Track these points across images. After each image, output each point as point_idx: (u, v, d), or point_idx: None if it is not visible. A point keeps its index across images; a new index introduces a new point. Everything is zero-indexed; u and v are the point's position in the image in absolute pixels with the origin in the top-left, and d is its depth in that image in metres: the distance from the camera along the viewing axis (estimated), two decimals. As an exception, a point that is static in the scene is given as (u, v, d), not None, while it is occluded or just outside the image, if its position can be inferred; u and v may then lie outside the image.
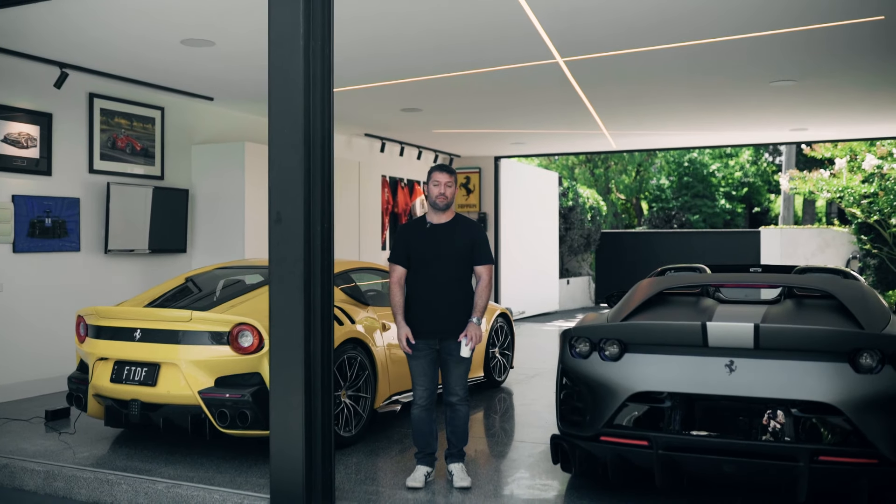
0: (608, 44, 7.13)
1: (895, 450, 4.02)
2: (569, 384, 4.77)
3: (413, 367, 5.14)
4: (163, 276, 9.32)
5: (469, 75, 8.40)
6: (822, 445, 4.12)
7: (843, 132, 12.89)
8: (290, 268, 4.60)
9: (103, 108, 8.72)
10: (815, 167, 20.70)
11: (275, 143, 4.68)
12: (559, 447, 4.87)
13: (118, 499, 5.18)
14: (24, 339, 7.89)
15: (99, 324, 5.91)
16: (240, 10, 6.24)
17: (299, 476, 4.59)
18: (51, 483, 5.42)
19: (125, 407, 5.69)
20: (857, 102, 9.95)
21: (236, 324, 5.45)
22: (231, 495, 4.90)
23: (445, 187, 5.13)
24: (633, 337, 4.54)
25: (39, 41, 7.19)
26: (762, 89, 9.11)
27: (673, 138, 13.74)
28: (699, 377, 4.34)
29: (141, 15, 6.37)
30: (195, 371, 5.48)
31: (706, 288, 5.41)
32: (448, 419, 5.20)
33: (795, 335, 4.26)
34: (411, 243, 5.20)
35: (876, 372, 4.12)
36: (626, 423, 4.51)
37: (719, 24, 6.52)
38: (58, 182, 8.21)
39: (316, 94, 4.64)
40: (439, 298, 5.09)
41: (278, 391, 4.64)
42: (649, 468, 4.44)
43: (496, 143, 14.10)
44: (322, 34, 4.65)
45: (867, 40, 6.98)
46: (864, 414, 4.05)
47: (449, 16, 6.34)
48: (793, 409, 4.18)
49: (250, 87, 9.01)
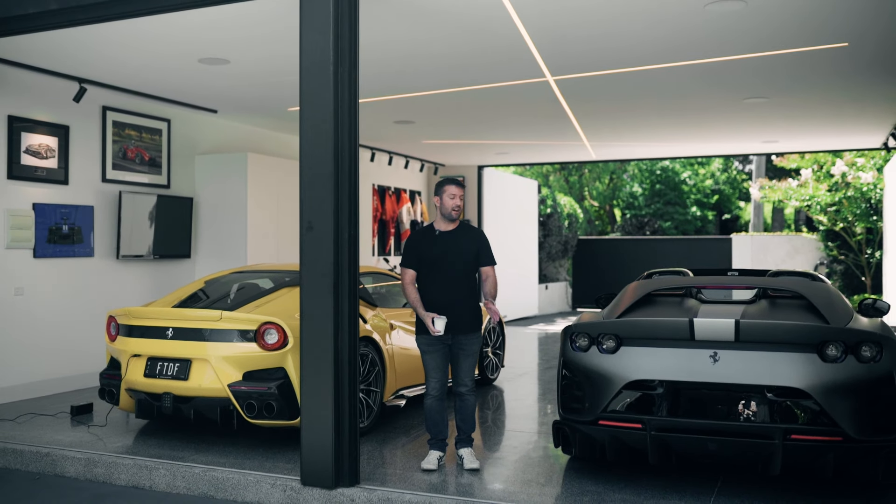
0: (596, 64, 7.72)
1: (857, 428, 4.62)
2: (569, 375, 5.33)
3: (427, 361, 5.67)
4: (169, 280, 9.77)
5: (463, 91, 8.96)
6: (794, 425, 4.71)
7: (811, 144, 13.63)
8: (322, 271, 5.11)
9: (115, 121, 9.18)
10: (783, 176, 21.53)
11: (306, 159, 5.18)
12: (561, 431, 5.43)
13: (157, 483, 5.66)
14: (44, 340, 8.31)
15: (131, 323, 6.39)
16: (256, 30, 6.70)
17: (329, 459, 5.11)
18: (91, 469, 5.88)
19: (158, 400, 6.17)
20: (823, 118, 10.65)
21: (263, 322, 5.95)
22: (264, 478, 5.39)
23: (459, 199, 5.67)
24: (628, 332, 5.12)
25: (60, 58, 7.61)
26: (736, 106, 9.77)
27: (651, 149, 14.41)
28: (687, 367, 4.92)
29: (162, 35, 6.82)
30: (225, 366, 5.97)
31: (689, 289, 6.00)
32: (457, 408, 5.73)
33: (771, 329, 4.86)
34: (422, 249, 5.73)
35: (840, 361, 4.73)
36: (621, 409, 5.07)
37: (699, 48, 7.12)
38: (74, 191, 8.65)
39: (343, 115, 5.16)
40: (449, 298, 5.62)
41: (310, 382, 5.15)
42: (643, 448, 5.01)
43: (481, 153, 14.67)
44: (349, 60, 5.17)
45: (833, 63, 7.63)
46: (830, 397, 4.65)
47: (454, 41, 6.89)
48: (768, 394, 4.77)
49: (254, 100, 9.50)
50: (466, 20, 6.30)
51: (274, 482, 5.33)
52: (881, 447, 4.72)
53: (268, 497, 5.30)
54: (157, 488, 5.64)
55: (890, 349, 4.76)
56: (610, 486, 5.14)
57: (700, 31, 6.62)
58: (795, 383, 4.72)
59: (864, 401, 4.68)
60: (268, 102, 9.65)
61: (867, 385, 4.69)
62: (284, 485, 5.27)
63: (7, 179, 7.95)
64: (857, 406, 4.66)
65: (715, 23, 6.34)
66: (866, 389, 4.69)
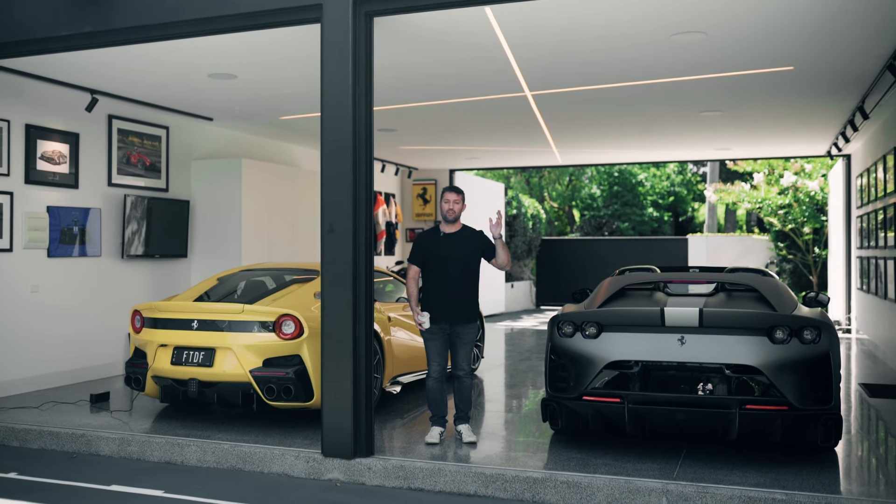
0: (571, 81, 8.54)
1: (800, 399, 5.49)
2: (556, 358, 6.13)
3: (429, 347, 6.43)
4: (168, 278, 10.40)
5: (447, 104, 9.73)
6: (749, 397, 5.57)
7: (760, 151, 14.68)
8: (341, 268, 5.85)
9: (120, 129, 9.78)
10: (736, 179, 22.66)
11: (327, 169, 5.91)
12: (548, 408, 6.23)
13: (188, 458, 6.33)
14: (58, 334, 8.91)
15: (156, 316, 7.05)
16: (266, 52, 7.39)
17: (348, 432, 5.84)
18: (125, 448, 6.53)
19: (183, 385, 6.84)
20: (771, 128, 11.64)
21: (281, 314, 6.66)
22: (288, 451, 6.10)
23: (454, 203, 6.44)
24: (609, 320, 5.95)
25: (74, 70, 8.21)
26: (693, 118, 10.69)
27: (613, 154, 15.32)
28: (658, 349, 5.76)
29: (177, 53, 7.46)
30: (246, 354, 6.66)
31: (657, 284, 6.84)
32: (456, 389, 6.50)
33: (729, 316, 5.73)
34: (427, 248, 6.49)
35: (786, 343, 5.60)
36: (601, 386, 5.88)
37: (663, 69, 7.98)
38: (83, 194, 9.25)
39: (360, 131, 5.90)
40: (450, 292, 6.38)
41: (330, 365, 5.88)
42: (621, 420, 5.83)
43: (453, 158, 15.45)
44: (365, 82, 5.92)
45: (780, 83, 8.56)
46: (778, 373, 5.52)
47: (445, 62, 7.65)
48: (727, 371, 5.63)
49: (250, 110, 10.16)
50: (461, 45, 7.07)
51: (297, 455, 6.04)
52: (819, 415, 5.60)
53: (292, 467, 6.02)
54: (188, 463, 6.32)
55: (827, 333, 5.65)
56: (592, 454, 5.95)
57: (664, 56, 7.47)
58: (749, 361, 5.58)
59: (805, 376, 5.56)
60: (262, 112, 10.32)
61: (808, 363, 5.57)
62: (308, 456, 5.99)
63: (25, 184, 8.53)
64: (800, 380, 5.54)
65: (678, 49, 7.20)
66: (807, 366, 5.57)
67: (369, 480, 5.78)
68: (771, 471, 5.51)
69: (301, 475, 5.97)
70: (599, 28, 6.63)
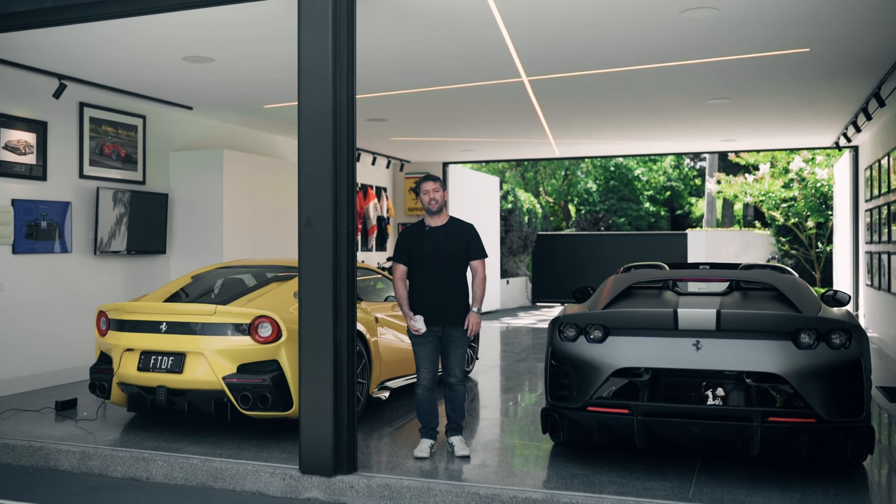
0: (571, 66, 7.99)
1: (829, 411, 4.95)
2: (557, 364, 5.58)
3: (418, 352, 5.87)
4: (145, 276, 9.82)
5: (439, 90, 9.17)
6: (772, 408, 5.02)
7: (766, 143, 14.13)
8: (321, 264, 5.29)
9: (92, 117, 9.20)
10: (737, 172, 22.13)
11: (305, 157, 5.35)
12: (549, 418, 5.68)
13: (154, 474, 5.77)
14: (23, 336, 8.32)
15: (123, 318, 6.48)
16: (244, 30, 6.81)
17: (328, 447, 5.29)
18: (86, 462, 5.97)
19: (151, 393, 6.28)
20: (780, 117, 11.09)
21: (257, 316, 6.10)
22: (262, 467, 5.55)
23: (433, 192, 5.87)
24: (615, 322, 5.39)
25: (40, 54, 7.63)
26: (699, 106, 10.14)
27: (612, 146, 14.78)
28: (671, 354, 5.21)
29: (146, 33, 6.88)
30: (219, 359, 6.10)
31: (666, 282, 6.29)
32: (448, 398, 5.95)
33: (750, 319, 5.17)
34: (412, 244, 5.93)
35: (813, 348, 5.05)
36: (608, 396, 5.34)
37: (671, 52, 7.43)
38: (52, 187, 8.66)
39: (342, 116, 5.34)
40: (439, 291, 5.83)
41: (309, 372, 5.32)
42: (629, 433, 5.29)
43: (446, 150, 14.89)
44: (347, 63, 5.35)
45: (794, 68, 8.01)
46: (804, 382, 4.97)
47: (438, 44, 7.09)
48: (747, 379, 5.08)
49: (231, 98, 9.58)
50: (453, 23, 6.51)
51: (273, 471, 5.49)
52: (849, 428, 5.06)
53: (267, 486, 5.47)
54: (154, 479, 5.76)
55: (858, 336, 5.10)
56: (597, 469, 5.41)
57: (673, 36, 6.92)
58: (772, 369, 5.03)
59: (834, 385, 5.01)
60: (243, 99, 9.74)
61: (837, 370, 5.02)
62: (284, 473, 5.44)
63: (-14, 176, 7.96)
64: (829, 390, 4.99)
65: (687, 28, 6.65)
66: (837, 374, 5.02)
67: (351, 500, 5.23)
68: (796, 490, 4.97)
69: (277, 493, 5.42)
70: (604, 3, 6.08)
